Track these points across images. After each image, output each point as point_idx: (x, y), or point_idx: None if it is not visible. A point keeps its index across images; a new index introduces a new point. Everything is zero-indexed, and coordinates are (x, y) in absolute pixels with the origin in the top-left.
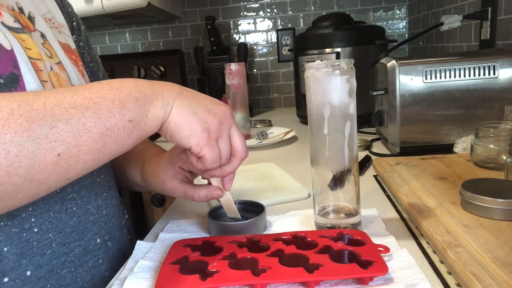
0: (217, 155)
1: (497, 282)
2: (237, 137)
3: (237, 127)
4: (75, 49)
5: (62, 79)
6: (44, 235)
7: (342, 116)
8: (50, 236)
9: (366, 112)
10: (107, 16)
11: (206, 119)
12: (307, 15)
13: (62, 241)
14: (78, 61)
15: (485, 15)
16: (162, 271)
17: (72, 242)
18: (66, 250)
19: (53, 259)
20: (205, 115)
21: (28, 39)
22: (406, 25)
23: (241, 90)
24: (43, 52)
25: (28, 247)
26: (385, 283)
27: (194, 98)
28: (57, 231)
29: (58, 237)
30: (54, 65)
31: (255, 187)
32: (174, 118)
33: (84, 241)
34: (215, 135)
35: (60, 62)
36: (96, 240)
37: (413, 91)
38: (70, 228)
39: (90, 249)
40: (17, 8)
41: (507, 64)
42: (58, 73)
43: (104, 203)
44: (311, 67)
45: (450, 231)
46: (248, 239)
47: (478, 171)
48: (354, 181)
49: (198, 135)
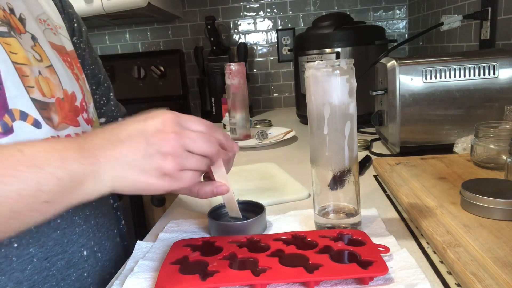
0: (192, 177)
1: (497, 282)
2: (202, 146)
3: (194, 131)
4: (72, 51)
5: (52, 83)
6: (24, 250)
7: (342, 116)
8: (31, 251)
9: (366, 112)
10: (107, 16)
11: (158, 167)
12: (307, 15)
13: (44, 255)
14: (75, 63)
15: (485, 15)
16: (162, 271)
17: (54, 255)
18: (48, 265)
19: (34, 274)
20: (152, 164)
21: (14, 43)
22: (406, 25)
23: (241, 90)
24: (31, 56)
25: (7, 263)
26: (385, 283)
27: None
28: (39, 245)
29: (39, 252)
30: (44, 69)
31: (255, 187)
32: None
33: (67, 254)
34: (175, 171)
35: (51, 66)
36: (82, 253)
37: (413, 91)
38: (53, 241)
39: (74, 262)
40: (8, 9)
41: (507, 64)
42: (48, 77)
43: (93, 212)
44: (311, 67)
45: (450, 231)
46: (248, 239)
47: (478, 171)
48: (354, 181)
49: (158, 186)
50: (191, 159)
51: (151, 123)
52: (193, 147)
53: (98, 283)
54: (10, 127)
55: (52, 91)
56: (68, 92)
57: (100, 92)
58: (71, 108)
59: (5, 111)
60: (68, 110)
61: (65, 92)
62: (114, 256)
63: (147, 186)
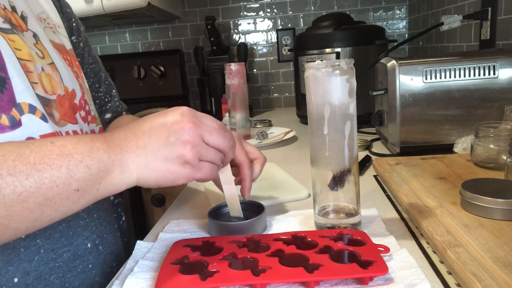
0: (210, 169)
1: (497, 282)
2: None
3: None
4: (71, 50)
5: (54, 80)
6: (31, 241)
7: (342, 116)
8: (38, 242)
9: (366, 112)
10: (107, 16)
11: (178, 154)
12: (307, 15)
13: (51, 246)
14: (74, 62)
15: (485, 15)
16: (162, 271)
17: (60, 247)
18: (54, 256)
19: (41, 265)
20: (174, 152)
21: (18, 39)
22: (406, 25)
23: (241, 90)
24: (34, 53)
25: (15, 253)
26: (385, 283)
27: (153, 141)
28: (45, 237)
29: (46, 243)
30: (46, 66)
31: (255, 187)
32: (149, 177)
33: (73, 246)
34: (195, 160)
35: (53, 63)
36: (86, 245)
37: (413, 91)
38: (59, 233)
39: (79, 254)
40: (10, 7)
41: (507, 64)
42: (50, 74)
43: (95, 206)
44: (311, 67)
45: (450, 231)
46: (248, 239)
47: (478, 171)
48: (354, 181)
49: (180, 174)
50: (209, 150)
51: (170, 115)
52: (210, 139)
53: (101, 275)
54: (18, 121)
55: (54, 88)
56: (69, 90)
57: (103, 90)
58: (70, 106)
59: (13, 105)
60: (67, 107)
61: (66, 89)
62: (115, 250)
63: (170, 174)
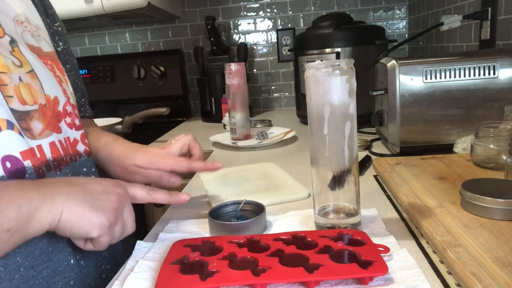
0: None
1: (497, 282)
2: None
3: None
4: (51, 53)
5: (33, 89)
6: (11, 260)
7: (342, 116)
8: (18, 260)
9: (366, 112)
10: (107, 16)
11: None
12: (307, 15)
13: (31, 264)
14: (56, 65)
15: (485, 15)
16: (162, 271)
17: (40, 264)
18: (34, 273)
19: (21, 283)
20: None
21: None
22: (406, 25)
23: (241, 90)
24: (10, 62)
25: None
26: (385, 283)
27: (85, 192)
28: (25, 254)
29: (26, 261)
30: (24, 75)
31: (255, 187)
32: (69, 219)
33: (53, 262)
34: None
35: (32, 70)
36: (69, 261)
37: (413, 91)
38: (39, 250)
39: (59, 270)
40: None
41: (507, 64)
42: (29, 83)
43: None
44: (311, 67)
45: (450, 231)
46: (248, 239)
47: (478, 171)
48: (354, 181)
49: (98, 227)
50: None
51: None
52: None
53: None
54: None
55: (34, 97)
56: (51, 97)
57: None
58: (53, 114)
59: None
60: (50, 116)
61: (48, 98)
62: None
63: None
